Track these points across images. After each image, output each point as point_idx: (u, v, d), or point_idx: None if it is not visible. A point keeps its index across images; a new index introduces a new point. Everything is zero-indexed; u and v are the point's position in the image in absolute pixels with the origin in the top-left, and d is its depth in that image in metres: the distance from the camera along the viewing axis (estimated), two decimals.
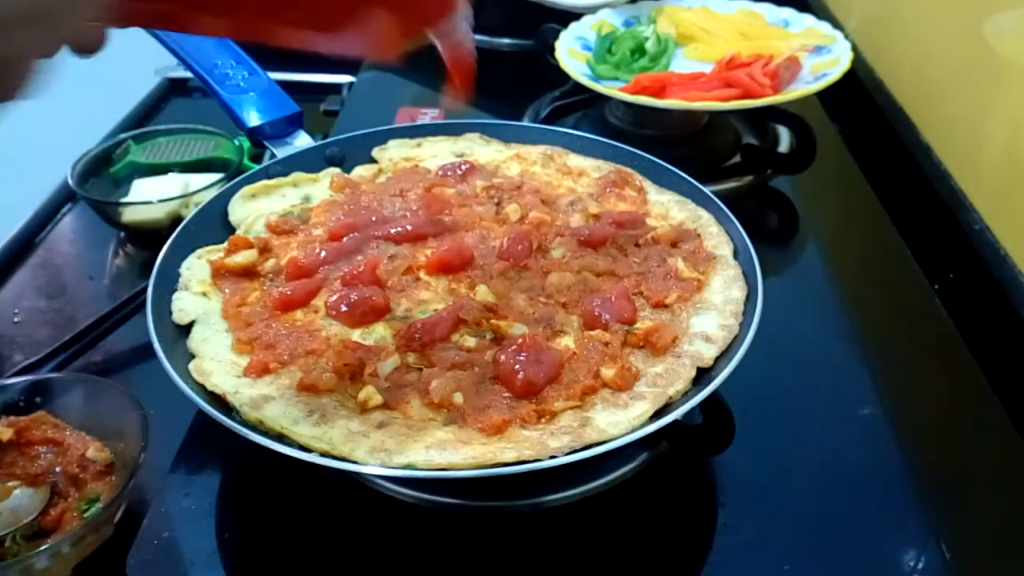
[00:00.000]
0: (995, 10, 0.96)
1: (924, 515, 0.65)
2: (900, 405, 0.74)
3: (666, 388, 0.59)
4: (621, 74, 1.12)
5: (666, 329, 0.64)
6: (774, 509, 0.65)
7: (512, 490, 0.64)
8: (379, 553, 0.63)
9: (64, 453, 0.67)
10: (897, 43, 1.23)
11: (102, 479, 0.66)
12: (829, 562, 0.62)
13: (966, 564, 0.61)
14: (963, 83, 1.03)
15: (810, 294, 0.90)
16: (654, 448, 0.66)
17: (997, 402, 0.75)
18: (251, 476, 0.68)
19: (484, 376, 0.60)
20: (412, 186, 0.81)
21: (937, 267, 0.92)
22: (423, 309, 0.67)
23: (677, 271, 0.70)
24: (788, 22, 1.22)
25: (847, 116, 1.22)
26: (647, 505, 0.65)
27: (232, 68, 0.90)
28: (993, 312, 0.85)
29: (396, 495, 0.64)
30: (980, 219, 0.92)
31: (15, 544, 0.63)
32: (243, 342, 0.63)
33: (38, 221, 1.04)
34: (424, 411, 0.58)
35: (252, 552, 0.62)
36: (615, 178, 0.82)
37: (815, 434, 0.72)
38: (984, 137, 0.98)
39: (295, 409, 0.57)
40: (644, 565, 0.62)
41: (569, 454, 0.53)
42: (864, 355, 0.81)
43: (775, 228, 1.01)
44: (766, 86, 1.01)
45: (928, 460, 0.71)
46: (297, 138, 0.88)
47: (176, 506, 0.65)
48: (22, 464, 0.67)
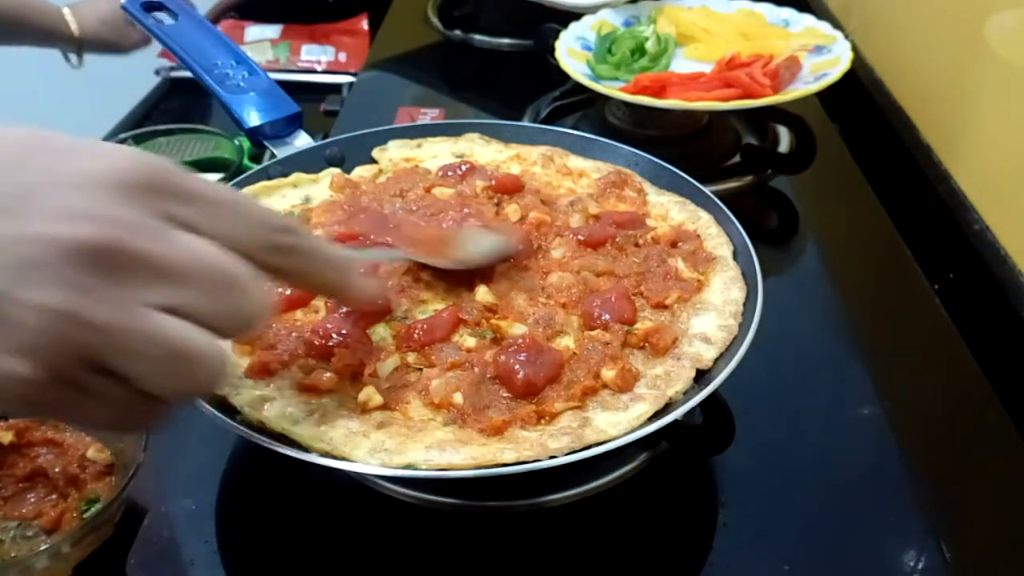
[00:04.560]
0: (995, 10, 0.96)
1: (924, 515, 0.65)
2: (900, 405, 0.74)
3: (665, 390, 0.59)
4: (621, 74, 1.12)
5: (666, 330, 0.64)
6: (774, 509, 0.65)
7: (512, 490, 0.64)
8: (379, 553, 0.63)
9: (64, 454, 0.67)
10: (897, 43, 1.23)
11: (102, 479, 0.66)
12: (829, 562, 0.62)
13: (966, 564, 0.61)
14: (963, 83, 1.03)
15: (810, 294, 0.90)
16: (654, 448, 0.66)
17: (997, 402, 0.75)
18: (251, 476, 0.68)
19: (484, 376, 0.60)
20: (412, 186, 0.81)
21: (937, 267, 0.92)
22: (423, 309, 0.67)
23: (677, 271, 0.70)
24: (788, 22, 1.22)
25: (847, 116, 1.22)
26: (647, 505, 0.65)
27: (232, 68, 0.90)
28: (993, 312, 0.85)
29: (396, 495, 0.64)
30: (980, 219, 0.92)
31: (15, 544, 0.63)
32: (244, 343, 0.63)
33: None
34: (424, 411, 0.58)
35: (252, 552, 0.62)
36: (615, 179, 0.82)
37: (815, 434, 0.72)
38: (984, 137, 0.98)
39: (295, 409, 0.57)
40: (644, 565, 0.62)
41: (569, 455, 0.53)
42: (864, 355, 0.81)
43: (775, 228, 1.01)
44: (766, 86, 1.01)
45: (928, 460, 0.71)
46: (297, 138, 0.88)
47: (176, 506, 0.65)
48: (22, 465, 0.67)
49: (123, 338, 0.38)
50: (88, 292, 0.37)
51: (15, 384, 0.37)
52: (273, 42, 1.54)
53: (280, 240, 0.44)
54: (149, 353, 0.38)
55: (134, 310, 0.38)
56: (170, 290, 0.39)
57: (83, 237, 0.37)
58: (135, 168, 0.40)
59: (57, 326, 0.37)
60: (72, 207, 0.38)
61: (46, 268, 0.37)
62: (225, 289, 0.41)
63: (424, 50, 1.43)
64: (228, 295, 0.41)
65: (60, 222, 0.37)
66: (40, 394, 0.38)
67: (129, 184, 0.39)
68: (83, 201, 0.38)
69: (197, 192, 0.41)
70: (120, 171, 0.39)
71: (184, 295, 0.39)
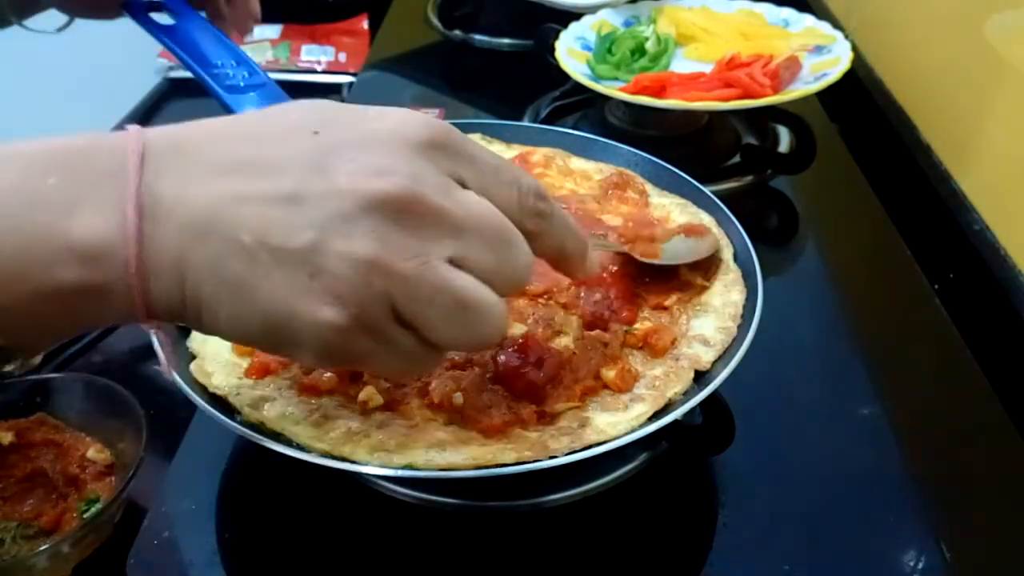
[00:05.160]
0: (995, 10, 0.96)
1: (924, 515, 0.65)
2: (900, 405, 0.74)
3: (665, 390, 0.59)
4: (621, 74, 1.12)
5: (665, 330, 0.64)
6: (774, 509, 0.65)
7: (512, 490, 0.64)
8: (379, 553, 0.63)
9: (64, 454, 0.67)
10: (897, 43, 1.23)
11: (102, 480, 0.66)
12: (829, 562, 0.62)
13: (966, 564, 0.61)
14: (963, 83, 1.03)
15: (810, 294, 0.90)
16: (654, 448, 0.66)
17: (997, 402, 0.75)
18: (251, 476, 0.68)
19: (484, 376, 0.60)
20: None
21: (937, 267, 0.92)
22: None
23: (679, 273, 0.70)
24: (788, 22, 1.21)
25: (847, 116, 1.22)
26: (647, 505, 0.65)
27: (232, 68, 0.90)
28: (993, 312, 0.85)
29: (396, 495, 0.64)
30: (980, 219, 0.92)
31: (15, 544, 0.63)
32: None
33: None
34: (424, 411, 0.58)
35: (252, 552, 0.62)
36: (617, 180, 0.82)
37: (815, 434, 0.72)
38: (984, 137, 0.98)
39: (296, 410, 0.57)
40: (644, 565, 0.62)
41: (569, 455, 0.53)
42: (864, 355, 0.81)
43: (775, 228, 1.01)
44: (766, 86, 1.01)
45: (928, 460, 0.71)
46: None
47: (176, 506, 0.65)
48: (22, 466, 0.67)
49: (421, 287, 0.40)
50: (392, 243, 0.39)
51: (326, 331, 0.40)
52: (273, 42, 1.54)
53: (541, 206, 0.46)
54: (441, 302, 0.41)
55: (430, 261, 0.40)
56: (459, 244, 0.41)
57: (388, 190, 0.39)
58: (425, 128, 0.42)
59: (366, 275, 0.39)
60: (375, 163, 0.40)
61: (355, 220, 0.39)
62: (505, 246, 0.43)
63: (424, 50, 1.43)
64: (507, 252, 0.43)
65: (366, 176, 0.40)
66: (346, 342, 0.41)
67: (421, 142, 0.42)
68: (384, 158, 0.41)
69: (476, 154, 0.44)
70: (412, 131, 0.42)
71: (470, 249, 0.41)
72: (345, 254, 0.39)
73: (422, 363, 0.45)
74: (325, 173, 0.40)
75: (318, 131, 0.42)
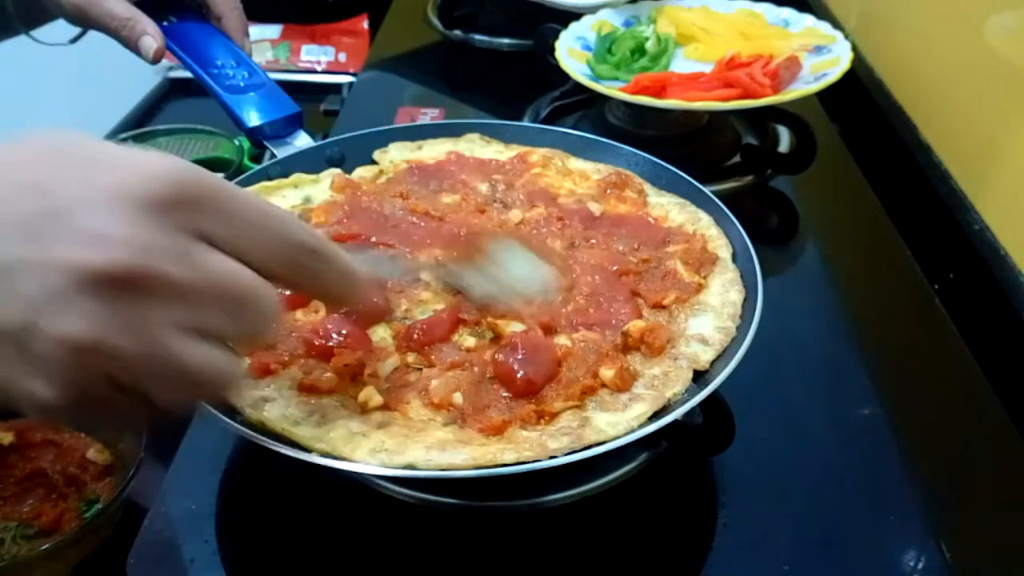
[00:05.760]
0: (995, 10, 0.96)
1: (924, 515, 0.65)
2: (900, 405, 0.74)
3: (664, 390, 0.59)
4: (621, 74, 1.12)
5: (661, 329, 0.64)
6: (774, 509, 0.65)
7: (512, 490, 0.64)
8: (379, 553, 0.63)
9: (64, 454, 0.67)
10: (897, 43, 1.23)
11: (102, 480, 0.66)
12: (829, 562, 0.62)
13: (966, 564, 0.61)
14: (963, 83, 1.03)
15: (810, 294, 0.90)
16: (654, 448, 0.66)
17: (997, 402, 0.75)
18: (251, 476, 0.68)
19: (484, 376, 0.60)
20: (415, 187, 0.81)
21: (937, 267, 0.92)
22: (423, 309, 0.67)
23: (676, 273, 0.70)
24: (788, 22, 1.21)
25: (847, 116, 1.22)
26: (647, 505, 0.65)
27: (232, 68, 0.90)
28: (993, 312, 0.85)
29: (396, 495, 0.64)
30: (980, 219, 0.92)
31: (15, 544, 0.63)
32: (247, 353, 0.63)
33: None
34: (424, 411, 0.58)
35: (252, 552, 0.62)
36: (615, 180, 0.82)
37: (815, 434, 0.72)
38: (984, 137, 0.98)
39: (296, 410, 0.57)
40: (644, 565, 0.62)
41: (569, 455, 0.53)
42: (864, 355, 0.81)
43: (775, 228, 1.01)
44: (766, 86, 1.01)
45: (928, 460, 0.71)
46: (297, 138, 0.88)
47: (176, 506, 0.65)
48: (22, 466, 0.67)
49: (145, 363, 0.38)
50: (111, 320, 0.37)
51: (41, 403, 0.38)
52: (273, 42, 1.54)
53: (302, 260, 0.44)
54: (169, 375, 0.39)
55: (156, 335, 0.38)
56: (190, 311, 0.39)
57: (106, 264, 0.36)
58: (159, 183, 0.39)
59: (80, 357, 0.37)
60: (96, 230, 0.37)
61: (71, 298, 0.36)
62: (242, 308, 0.41)
63: (424, 50, 1.43)
64: (244, 313, 0.41)
65: (84, 247, 0.37)
66: (66, 411, 0.39)
67: (153, 200, 0.38)
68: (108, 222, 0.37)
69: (231, 208, 0.41)
70: (144, 187, 0.38)
71: (202, 314, 0.40)
72: (56, 337, 0.36)
73: (146, 418, 0.44)
74: (41, 242, 0.37)
75: (45, 188, 0.38)
